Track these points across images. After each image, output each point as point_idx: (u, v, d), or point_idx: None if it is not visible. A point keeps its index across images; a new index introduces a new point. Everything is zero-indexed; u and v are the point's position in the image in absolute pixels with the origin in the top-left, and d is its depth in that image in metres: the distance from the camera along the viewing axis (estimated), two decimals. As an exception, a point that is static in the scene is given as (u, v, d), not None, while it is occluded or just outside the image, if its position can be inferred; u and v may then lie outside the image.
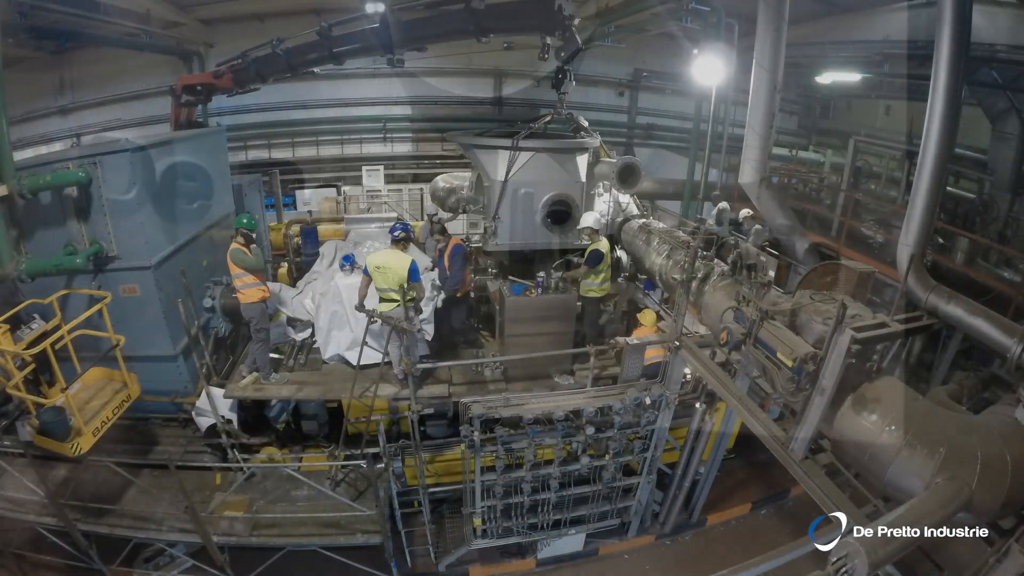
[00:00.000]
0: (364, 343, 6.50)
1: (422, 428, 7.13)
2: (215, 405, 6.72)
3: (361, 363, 6.63)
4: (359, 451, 6.65)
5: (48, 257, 6.20)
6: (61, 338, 5.32)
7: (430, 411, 6.93)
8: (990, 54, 10.44)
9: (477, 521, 6.97)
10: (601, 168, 8.43)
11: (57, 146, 15.26)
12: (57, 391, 5.51)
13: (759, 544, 7.78)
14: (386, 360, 6.69)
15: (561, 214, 7.82)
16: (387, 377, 6.78)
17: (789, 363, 4.33)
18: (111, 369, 6.08)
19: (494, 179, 7.61)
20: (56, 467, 6.61)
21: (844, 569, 2.94)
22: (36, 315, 5.76)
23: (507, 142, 7.54)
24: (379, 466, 6.36)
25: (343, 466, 6.68)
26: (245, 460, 6.77)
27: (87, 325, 5.78)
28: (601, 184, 8.57)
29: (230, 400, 6.84)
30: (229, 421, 6.83)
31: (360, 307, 6.38)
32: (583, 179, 7.87)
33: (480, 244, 8.72)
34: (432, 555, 7.25)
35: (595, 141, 8.44)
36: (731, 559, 7.40)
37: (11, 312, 5.45)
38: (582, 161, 7.96)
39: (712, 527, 8.45)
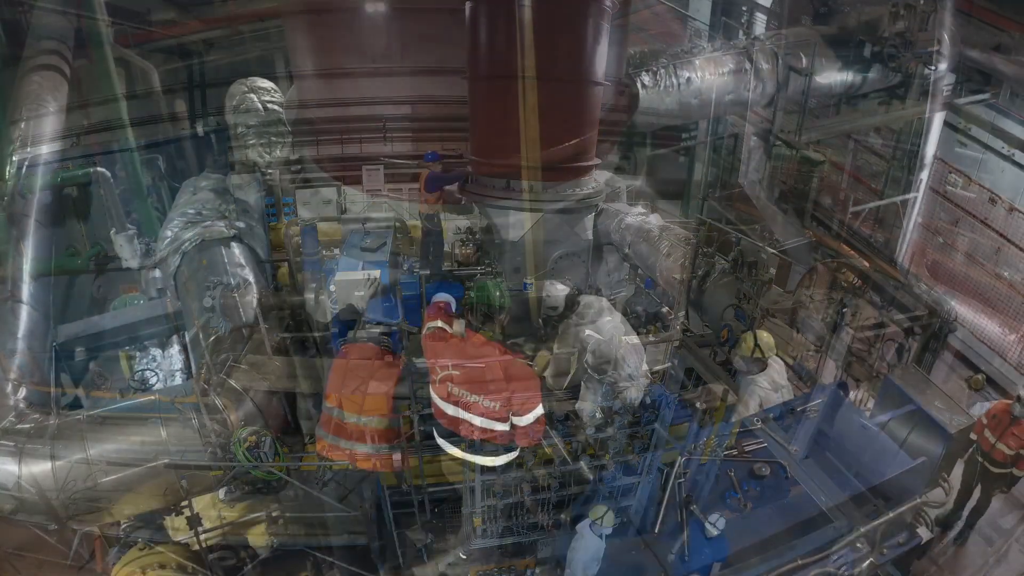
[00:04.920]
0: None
1: (422, 428, 7.09)
2: None
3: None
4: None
5: (48, 257, 6.19)
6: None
7: (429, 411, 6.91)
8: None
9: (477, 521, 6.96)
10: None
11: (56, 146, 15.25)
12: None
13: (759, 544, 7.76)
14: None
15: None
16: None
17: (789, 361, 4.33)
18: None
19: (505, 239, 7.91)
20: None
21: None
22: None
23: (519, 201, 7.72)
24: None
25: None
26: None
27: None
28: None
29: None
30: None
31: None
32: (590, 237, 8.04)
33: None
34: (424, 555, 7.23)
35: (601, 197, 8.68)
36: (731, 559, 7.42)
37: None
38: (590, 220, 8.24)
39: (712, 527, 8.40)
